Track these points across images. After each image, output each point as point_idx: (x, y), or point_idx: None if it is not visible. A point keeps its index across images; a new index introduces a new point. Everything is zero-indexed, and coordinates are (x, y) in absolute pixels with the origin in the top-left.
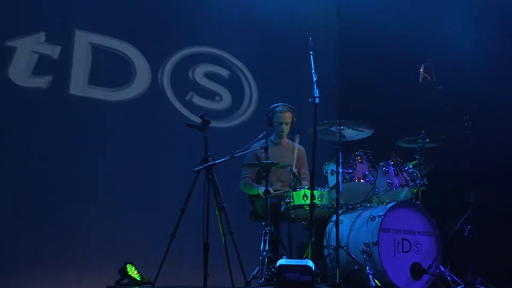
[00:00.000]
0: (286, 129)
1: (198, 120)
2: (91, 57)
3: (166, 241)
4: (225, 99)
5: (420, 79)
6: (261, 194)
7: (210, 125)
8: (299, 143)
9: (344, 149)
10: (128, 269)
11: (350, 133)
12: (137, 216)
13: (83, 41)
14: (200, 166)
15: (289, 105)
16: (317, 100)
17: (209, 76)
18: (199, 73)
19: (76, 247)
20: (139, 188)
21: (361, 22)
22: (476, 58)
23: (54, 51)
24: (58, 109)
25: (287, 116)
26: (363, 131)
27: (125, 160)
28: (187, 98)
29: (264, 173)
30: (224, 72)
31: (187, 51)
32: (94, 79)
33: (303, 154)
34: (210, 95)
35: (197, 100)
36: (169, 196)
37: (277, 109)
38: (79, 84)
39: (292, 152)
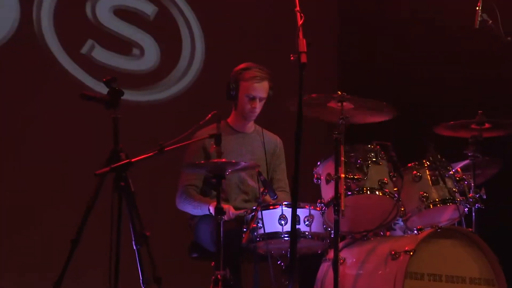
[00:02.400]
0: (259, 108)
1: (103, 89)
2: None
3: None
4: (149, 54)
5: (477, 23)
6: (211, 213)
7: (123, 97)
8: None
9: (348, 139)
10: None
11: (359, 113)
12: (2, 250)
13: None
14: (106, 167)
15: (266, 69)
16: (303, 59)
17: (122, 14)
18: (103, 10)
19: None
20: (2, 204)
21: None
22: None
23: None
24: None
25: (264, 88)
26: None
27: None
28: (84, 51)
29: (214, 180)
30: (148, 8)
31: None
32: None
33: (280, 149)
34: (123, 46)
35: (101, 55)
36: (52, 217)
37: (248, 73)
38: None
39: (262, 144)
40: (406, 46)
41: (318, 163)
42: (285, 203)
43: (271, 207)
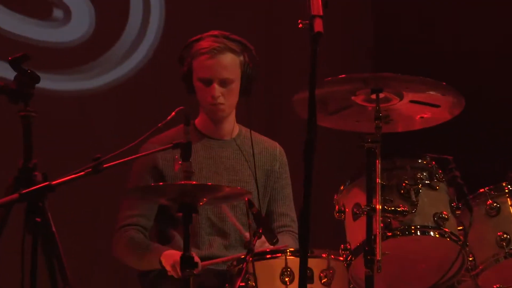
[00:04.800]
0: (226, 96)
1: (7, 72)
2: None
3: None
4: (79, 18)
5: None
6: (167, 268)
7: (38, 85)
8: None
9: (386, 150)
10: None
11: (404, 110)
12: None
13: None
14: (12, 193)
15: (231, 35)
16: (317, 26)
17: None
18: None
19: None
20: None
21: None
22: None
23: None
24: None
25: (224, 64)
26: (437, 105)
27: None
28: None
29: (179, 215)
30: None
31: None
32: None
33: (282, 163)
34: (38, 6)
35: (3, 19)
36: None
37: (198, 45)
38: None
39: (251, 156)
40: (477, 17)
41: (342, 187)
42: (291, 249)
43: (268, 256)
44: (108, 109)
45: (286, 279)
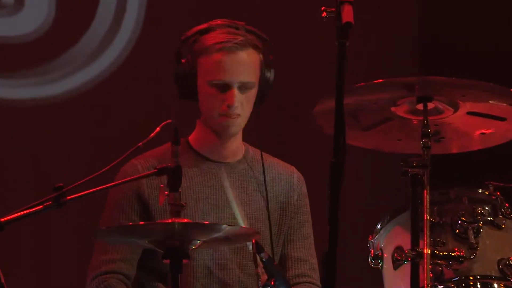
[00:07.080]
0: (241, 108)
1: None
2: None
3: None
4: (34, 6)
5: None
6: None
7: None
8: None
9: (436, 178)
10: None
11: (460, 125)
12: None
13: None
14: None
15: (252, 28)
16: (347, 15)
17: None
18: None
19: None
20: None
21: None
22: None
23: None
24: None
25: (246, 63)
26: (503, 118)
27: None
28: None
29: (166, 260)
30: None
31: None
32: None
33: (301, 194)
34: None
35: None
36: None
37: (209, 39)
38: None
39: (261, 185)
40: None
41: (379, 226)
42: None
43: None
44: (73, 123)
45: None
